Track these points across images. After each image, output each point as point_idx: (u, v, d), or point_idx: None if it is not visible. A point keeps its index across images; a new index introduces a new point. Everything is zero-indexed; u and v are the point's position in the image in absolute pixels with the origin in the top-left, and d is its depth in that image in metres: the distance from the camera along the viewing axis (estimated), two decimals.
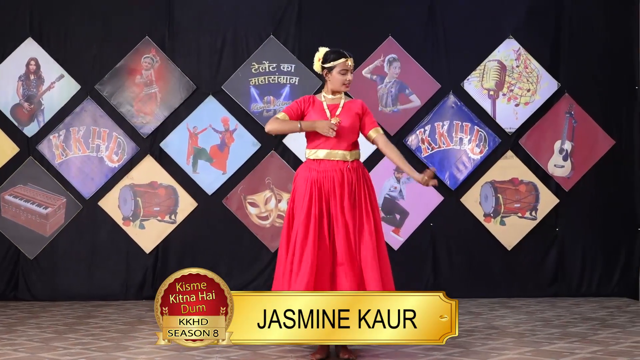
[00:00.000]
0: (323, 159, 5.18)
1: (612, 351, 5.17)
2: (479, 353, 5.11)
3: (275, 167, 7.94)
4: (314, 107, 5.27)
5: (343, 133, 5.19)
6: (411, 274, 8.11)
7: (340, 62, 5.26)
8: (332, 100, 5.31)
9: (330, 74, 5.27)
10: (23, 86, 7.89)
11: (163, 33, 8.01)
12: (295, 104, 5.32)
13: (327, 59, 5.29)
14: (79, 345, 5.40)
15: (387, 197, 8.12)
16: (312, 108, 5.26)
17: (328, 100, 5.30)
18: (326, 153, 5.19)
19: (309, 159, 5.25)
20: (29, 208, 7.85)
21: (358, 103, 5.36)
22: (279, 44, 8.07)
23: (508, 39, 8.23)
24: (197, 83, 7.97)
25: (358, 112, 5.30)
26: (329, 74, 5.28)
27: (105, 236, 7.94)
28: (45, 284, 7.86)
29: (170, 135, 7.97)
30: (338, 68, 5.26)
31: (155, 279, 7.91)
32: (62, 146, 7.90)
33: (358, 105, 5.33)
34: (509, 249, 8.20)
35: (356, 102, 5.37)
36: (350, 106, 5.32)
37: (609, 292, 8.22)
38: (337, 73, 5.25)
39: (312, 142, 5.26)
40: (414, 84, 8.16)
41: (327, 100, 5.30)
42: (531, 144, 8.24)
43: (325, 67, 5.29)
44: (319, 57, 5.35)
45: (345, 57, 5.30)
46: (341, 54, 5.30)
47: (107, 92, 7.93)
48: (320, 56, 5.35)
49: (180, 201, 7.94)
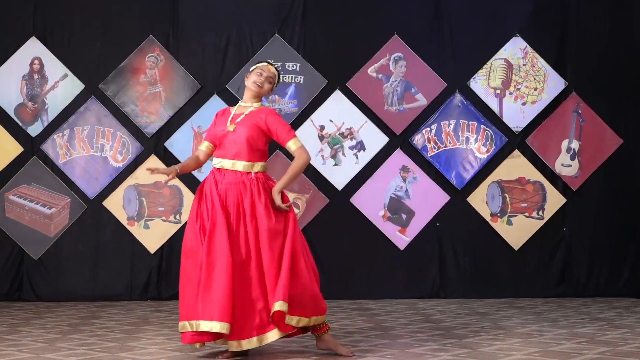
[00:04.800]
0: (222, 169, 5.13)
1: (621, 352, 5.15)
2: (486, 354, 5.10)
3: (280, 166, 7.90)
4: (221, 117, 5.20)
5: (236, 142, 5.06)
6: (417, 274, 8.15)
7: (259, 65, 5.23)
8: (242, 108, 5.19)
9: (248, 76, 5.22)
10: (27, 85, 7.90)
11: (167, 32, 8.02)
12: (211, 124, 5.28)
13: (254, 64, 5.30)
14: (84, 346, 5.40)
15: (393, 197, 8.12)
16: (220, 119, 5.20)
17: (239, 108, 5.21)
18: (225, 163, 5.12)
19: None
20: (33, 208, 7.86)
21: (263, 113, 5.13)
22: (283, 42, 8.08)
23: (515, 37, 8.24)
24: (201, 82, 7.99)
25: (258, 124, 5.07)
26: (247, 75, 5.23)
27: (110, 236, 7.95)
28: (50, 284, 7.87)
29: (175, 135, 7.98)
30: (256, 70, 5.21)
31: (160, 279, 7.93)
32: (66, 146, 7.91)
33: (261, 116, 5.10)
34: (515, 248, 8.22)
35: (261, 112, 5.14)
36: (254, 116, 5.11)
37: (617, 292, 8.24)
38: (252, 73, 5.21)
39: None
40: (420, 82, 8.17)
41: (239, 108, 5.21)
42: (538, 143, 8.25)
43: (250, 70, 5.25)
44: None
45: (268, 63, 5.27)
46: (265, 61, 5.34)
47: (111, 92, 7.94)
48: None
49: (185, 201, 7.95)
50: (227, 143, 5.08)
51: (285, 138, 5.08)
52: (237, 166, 5.05)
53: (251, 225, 4.97)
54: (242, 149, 5.04)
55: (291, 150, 5.08)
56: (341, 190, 8.11)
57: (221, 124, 5.17)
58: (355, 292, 8.04)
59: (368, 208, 8.12)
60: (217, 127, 5.17)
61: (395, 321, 6.55)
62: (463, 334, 5.85)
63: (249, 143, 5.05)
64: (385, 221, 8.12)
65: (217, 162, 5.11)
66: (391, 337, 5.77)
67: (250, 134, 5.06)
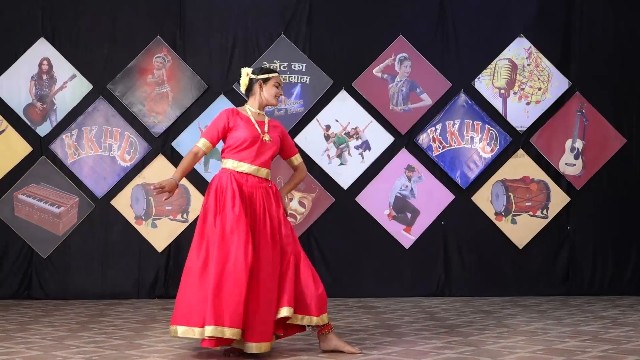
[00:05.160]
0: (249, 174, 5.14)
1: (624, 350, 5.15)
2: (491, 351, 5.10)
3: (286, 166, 7.83)
4: (242, 121, 5.16)
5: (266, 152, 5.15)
6: (422, 272, 8.16)
7: (275, 75, 5.25)
8: (259, 116, 5.23)
9: (265, 85, 5.21)
10: (36, 86, 7.94)
11: (174, 33, 8.06)
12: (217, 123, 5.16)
13: (263, 70, 5.26)
14: (92, 343, 5.41)
15: (398, 196, 8.15)
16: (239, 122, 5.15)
17: (254, 115, 5.22)
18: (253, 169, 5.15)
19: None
20: (42, 207, 7.90)
21: (279, 125, 5.32)
22: (289, 43, 8.10)
23: (519, 37, 8.26)
24: (208, 82, 8.02)
25: (280, 136, 5.25)
26: (263, 85, 5.21)
27: (118, 235, 7.99)
28: (59, 282, 7.90)
29: (182, 135, 8.01)
30: (273, 80, 5.23)
31: (167, 278, 7.96)
32: (75, 145, 7.95)
33: (280, 128, 5.30)
34: (520, 247, 8.23)
35: (278, 124, 5.33)
36: (274, 128, 5.24)
37: (621, 291, 8.25)
38: (272, 85, 5.22)
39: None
40: (424, 82, 8.19)
41: (254, 115, 5.22)
42: (542, 143, 8.26)
43: (260, 78, 5.21)
44: (247, 72, 5.25)
45: (277, 73, 5.30)
46: (274, 69, 5.35)
47: (119, 92, 7.98)
48: (248, 71, 5.26)
49: (192, 200, 7.98)
50: (257, 150, 5.11)
51: (293, 152, 5.40)
52: (261, 173, 5.13)
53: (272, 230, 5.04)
54: (269, 158, 5.17)
55: (295, 164, 5.43)
56: (347, 189, 8.13)
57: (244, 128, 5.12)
58: (360, 290, 8.06)
59: (373, 207, 8.14)
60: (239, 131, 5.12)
61: (400, 319, 6.55)
62: (468, 332, 5.85)
63: (274, 154, 5.24)
64: (391, 220, 8.15)
65: (237, 165, 5.11)
66: (396, 334, 5.77)
67: (278, 146, 5.24)
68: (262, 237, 5.00)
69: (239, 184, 5.04)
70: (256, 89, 5.22)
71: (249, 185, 5.07)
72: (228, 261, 4.88)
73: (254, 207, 5.05)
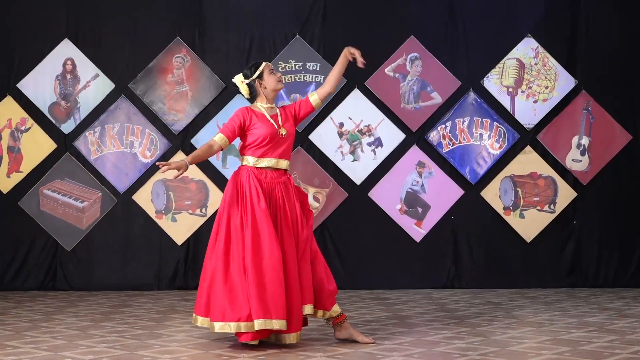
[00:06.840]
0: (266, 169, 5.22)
1: (629, 340, 5.19)
2: (499, 342, 5.14)
3: (301, 162, 8.05)
4: (258, 119, 5.22)
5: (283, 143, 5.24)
6: (433, 265, 8.23)
7: (264, 64, 5.30)
8: (271, 110, 5.28)
9: (262, 80, 5.26)
10: (60, 85, 8.05)
11: (193, 33, 8.15)
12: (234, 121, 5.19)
13: (251, 71, 5.29)
14: (114, 333, 5.47)
15: (409, 191, 8.22)
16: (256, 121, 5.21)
17: (267, 110, 5.26)
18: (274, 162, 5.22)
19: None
20: (66, 202, 8.01)
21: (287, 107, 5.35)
22: (304, 43, 8.20)
23: (526, 37, 8.31)
24: (226, 81, 8.07)
25: (291, 113, 5.32)
26: (260, 81, 5.27)
27: (139, 229, 8.09)
28: (82, 274, 8.01)
29: (201, 132, 8.11)
30: (267, 70, 5.29)
31: (187, 270, 8.06)
32: (98, 142, 8.06)
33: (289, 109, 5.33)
34: (528, 241, 8.29)
35: (286, 107, 5.37)
36: (285, 114, 5.30)
37: (625, 283, 8.29)
38: (269, 75, 5.28)
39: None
40: (435, 81, 8.26)
41: (267, 110, 5.25)
42: (549, 140, 8.31)
43: (255, 77, 5.26)
44: (241, 80, 5.30)
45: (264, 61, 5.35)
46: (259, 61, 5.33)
47: (140, 91, 8.09)
48: (241, 78, 5.31)
49: (211, 195, 8.09)
50: (276, 144, 5.19)
51: (308, 106, 5.33)
52: (281, 164, 5.22)
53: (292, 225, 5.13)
54: (288, 148, 5.25)
55: (317, 97, 5.34)
56: (360, 184, 8.20)
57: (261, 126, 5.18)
58: (373, 282, 8.12)
59: (385, 202, 8.21)
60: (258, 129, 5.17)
61: (412, 310, 6.59)
62: (477, 323, 5.89)
63: (292, 142, 5.31)
64: (402, 214, 8.22)
65: (255, 161, 5.18)
66: (408, 325, 5.82)
67: (294, 135, 5.31)
68: (285, 230, 5.09)
69: (258, 180, 5.12)
70: (258, 88, 5.28)
71: (267, 182, 5.14)
72: (264, 255, 4.96)
73: (275, 202, 5.13)
